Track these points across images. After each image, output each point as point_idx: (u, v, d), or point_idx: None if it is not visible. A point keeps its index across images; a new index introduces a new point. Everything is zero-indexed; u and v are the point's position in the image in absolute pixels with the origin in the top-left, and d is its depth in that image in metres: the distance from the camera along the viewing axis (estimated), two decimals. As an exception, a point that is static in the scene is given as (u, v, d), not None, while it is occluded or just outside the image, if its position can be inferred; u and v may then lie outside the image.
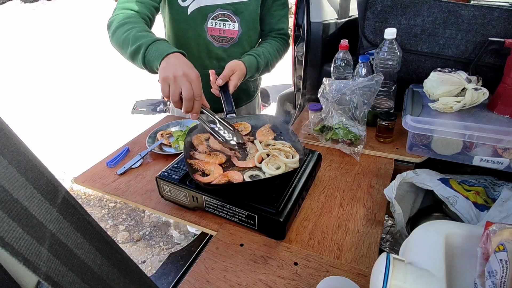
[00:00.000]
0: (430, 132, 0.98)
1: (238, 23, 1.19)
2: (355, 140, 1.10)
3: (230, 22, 1.19)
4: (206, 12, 1.15)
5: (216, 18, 1.17)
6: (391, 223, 1.41)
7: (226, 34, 1.20)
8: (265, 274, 0.68)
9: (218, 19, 1.17)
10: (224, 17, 1.17)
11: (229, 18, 1.18)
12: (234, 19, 1.18)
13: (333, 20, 1.55)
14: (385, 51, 1.16)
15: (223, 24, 1.18)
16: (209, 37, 1.20)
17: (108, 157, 1.16)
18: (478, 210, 0.83)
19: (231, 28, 1.20)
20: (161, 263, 1.85)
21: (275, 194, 0.79)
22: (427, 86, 1.09)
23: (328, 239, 0.78)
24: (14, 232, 0.26)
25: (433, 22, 1.19)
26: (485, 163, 0.97)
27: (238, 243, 0.76)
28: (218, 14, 1.16)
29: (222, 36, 1.20)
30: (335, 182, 0.98)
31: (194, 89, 0.80)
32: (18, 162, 0.28)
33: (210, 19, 1.17)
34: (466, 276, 0.51)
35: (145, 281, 0.43)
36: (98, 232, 0.36)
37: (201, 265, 0.71)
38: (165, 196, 0.90)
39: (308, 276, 0.67)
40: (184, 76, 0.79)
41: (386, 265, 0.49)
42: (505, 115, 0.99)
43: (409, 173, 0.93)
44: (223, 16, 1.17)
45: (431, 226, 0.58)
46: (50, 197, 0.31)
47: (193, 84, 0.80)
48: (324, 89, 1.13)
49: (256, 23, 1.24)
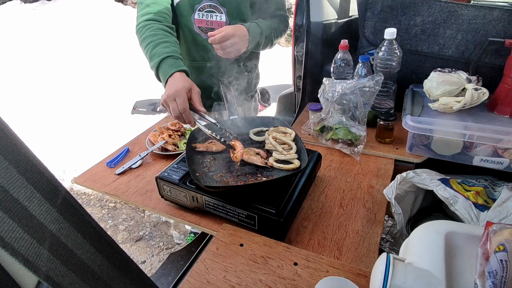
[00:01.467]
0: (430, 132, 0.98)
1: (225, 14, 1.19)
2: (355, 140, 1.10)
3: (217, 13, 1.18)
4: (193, 3, 1.16)
5: (203, 9, 1.17)
6: (391, 223, 1.42)
7: (214, 26, 1.20)
8: (265, 274, 0.68)
9: (204, 10, 1.17)
10: (211, 8, 1.17)
11: (216, 9, 1.18)
12: (221, 9, 1.18)
13: (333, 20, 1.55)
14: (385, 51, 1.16)
15: (210, 15, 1.18)
16: (196, 29, 1.20)
17: (108, 157, 1.16)
18: (478, 210, 0.83)
19: (218, 20, 1.19)
20: (161, 263, 1.85)
21: (275, 194, 0.79)
22: (427, 86, 1.09)
23: (328, 239, 0.78)
24: (14, 232, 0.26)
25: (433, 22, 1.19)
26: (485, 163, 0.97)
27: (238, 243, 0.76)
28: (204, 5, 1.16)
29: (209, 28, 1.20)
30: (335, 182, 0.98)
31: (179, 106, 0.91)
32: (18, 162, 0.28)
33: (197, 10, 1.17)
34: (466, 276, 0.51)
35: (145, 281, 0.43)
36: (98, 232, 0.36)
37: (201, 265, 0.71)
38: (165, 196, 0.90)
39: (308, 276, 0.67)
40: (170, 96, 0.92)
41: (386, 265, 0.49)
42: (505, 115, 0.99)
43: (409, 173, 0.93)
44: (210, 7, 1.17)
45: (431, 226, 0.58)
46: (50, 197, 0.31)
47: (177, 99, 0.91)
48: (324, 89, 1.13)
49: (243, 14, 1.22)
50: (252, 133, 1.00)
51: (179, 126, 1.26)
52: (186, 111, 0.92)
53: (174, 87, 0.93)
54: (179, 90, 0.92)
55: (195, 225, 0.86)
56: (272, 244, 0.75)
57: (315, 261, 0.71)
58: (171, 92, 0.92)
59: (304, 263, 0.70)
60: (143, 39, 1.07)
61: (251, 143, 0.97)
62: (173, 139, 1.19)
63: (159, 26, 1.08)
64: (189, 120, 0.94)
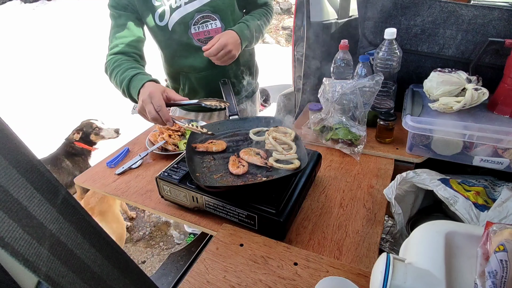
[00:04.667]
0: (430, 132, 0.98)
1: (219, 20, 1.20)
2: (355, 140, 1.10)
3: (211, 21, 1.20)
4: (186, 20, 1.17)
5: (198, 22, 1.18)
6: (391, 223, 1.41)
7: (211, 34, 1.21)
8: (265, 275, 0.68)
9: (199, 23, 1.18)
10: (205, 19, 1.19)
11: (209, 18, 1.19)
12: (214, 17, 1.19)
13: (333, 20, 1.55)
14: (385, 51, 1.15)
15: (205, 25, 1.20)
16: (196, 42, 1.21)
17: (108, 157, 1.16)
18: (478, 210, 0.83)
19: (214, 27, 1.21)
20: (161, 263, 1.85)
21: (275, 194, 0.79)
22: (427, 86, 1.09)
23: (328, 239, 0.78)
24: (14, 232, 0.26)
25: (433, 22, 1.19)
26: (485, 163, 0.97)
27: (238, 243, 0.76)
28: (198, 19, 1.18)
29: (208, 37, 1.21)
30: (335, 182, 0.98)
31: (155, 105, 0.92)
32: (18, 162, 0.28)
33: (192, 25, 1.18)
34: (466, 276, 0.51)
35: (145, 281, 0.43)
36: (98, 232, 0.36)
37: (201, 265, 0.71)
38: (165, 196, 0.90)
39: (308, 276, 0.67)
40: (144, 102, 0.93)
41: (386, 265, 0.49)
42: (505, 115, 0.99)
43: (409, 173, 0.93)
44: (203, 19, 1.18)
45: (431, 226, 0.58)
46: (50, 197, 0.31)
47: (153, 101, 0.93)
48: (324, 89, 1.13)
49: (235, 15, 1.25)
50: (252, 133, 1.00)
51: (179, 126, 1.26)
52: (163, 108, 0.93)
53: (148, 92, 0.94)
54: (153, 91, 0.93)
55: (195, 225, 0.86)
56: (272, 244, 0.75)
57: (315, 261, 0.71)
58: (145, 96, 0.94)
59: (304, 263, 0.70)
60: (111, 71, 1.10)
61: (251, 143, 0.97)
62: (173, 139, 1.19)
63: (126, 58, 1.12)
64: (167, 118, 0.94)
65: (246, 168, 0.83)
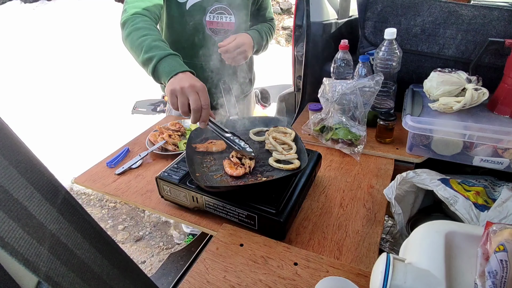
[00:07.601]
0: (430, 132, 0.98)
1: (234, 16, 1.23)
2: (355, 140, 1.10)
3: (227, 15, 1.22)
4: (204, 5, 1.18)
5: (214, 11, 1.20)
6: (391, 223, 1.41)
7: (224, 27, 1.23)
8: (265, 275, 0.68)
9: (216, 12, 1.20)
10: (221, 10, 1.21)
11: (226, 11, 1.21)
12: (230, 11, 1.22)
13: (333, 20, 1.55)
14: (385, 51, 1.15)
15: (220, 17, 1.22)
16: (208, 31, 1.23)
17: (108, 157, 1.16)
18: (478, 210, 0.83)
19: (228, 21, 1.23)
20: (161, 263, 1.85)
21: (275, 194, 0.79)
22: (427, 86, 1.09)
23: (328, 239, 0.78)
24: (14, 232, 0.26)
25: (433, 22, 1.19)
26: (485, 163, 0.97)
27: (238, 243, 0.76)
28: (216, 8, 1.19)
29: (220, 29, 1.23)
30: (335, 182, 0.98)
31: (202, 99, 0.83)
32: (18, 162, 0.28)
33: (209, 12, 1.20)
34: (466, 276, 0.51)
35: (145, 281, 0.43)
36: (98, 232, 0.36)
37: (201, 265, 0.71)
38: (165, 197, 0.90)
39: (308, 276, 0.67)
40: (190, 87, 0.83)
41: (386, 265, 0.49)
42: (505, 115, 0.99)
43: (409, 173, 0.93)
44: (220, 9, 1.20)
45: (431, 226, 0.58)
46: (50, 197, 0.31)
47: (200, 94, 0.83)
48: (324, 89, 1.13)
49: (246, 15, 1.29)
50: (252, 133, 1.00)
51: (179, 126, 1.26)
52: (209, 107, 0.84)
53: (195, 81, 0.85)
54: (202, 85, 0.84)
55: (195, 225, 0.85)
56: (272, 244, 0.75)
57: (315, 261, 0.71)
58: (192, 83, 0.83)
59: (304, 263, 0.70)
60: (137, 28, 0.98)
61: (252, 143, 0.97)
62: (173, 139, 1.19)
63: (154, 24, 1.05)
64: (205, 118, 0.85)
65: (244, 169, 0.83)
